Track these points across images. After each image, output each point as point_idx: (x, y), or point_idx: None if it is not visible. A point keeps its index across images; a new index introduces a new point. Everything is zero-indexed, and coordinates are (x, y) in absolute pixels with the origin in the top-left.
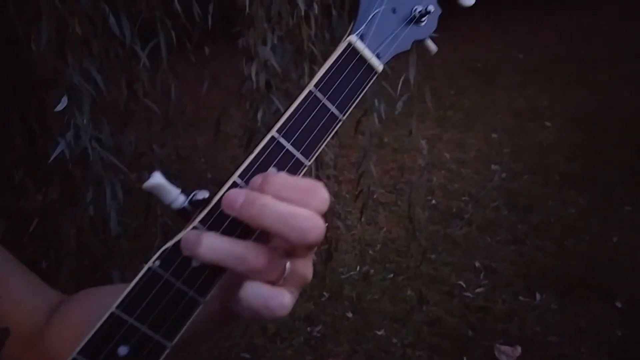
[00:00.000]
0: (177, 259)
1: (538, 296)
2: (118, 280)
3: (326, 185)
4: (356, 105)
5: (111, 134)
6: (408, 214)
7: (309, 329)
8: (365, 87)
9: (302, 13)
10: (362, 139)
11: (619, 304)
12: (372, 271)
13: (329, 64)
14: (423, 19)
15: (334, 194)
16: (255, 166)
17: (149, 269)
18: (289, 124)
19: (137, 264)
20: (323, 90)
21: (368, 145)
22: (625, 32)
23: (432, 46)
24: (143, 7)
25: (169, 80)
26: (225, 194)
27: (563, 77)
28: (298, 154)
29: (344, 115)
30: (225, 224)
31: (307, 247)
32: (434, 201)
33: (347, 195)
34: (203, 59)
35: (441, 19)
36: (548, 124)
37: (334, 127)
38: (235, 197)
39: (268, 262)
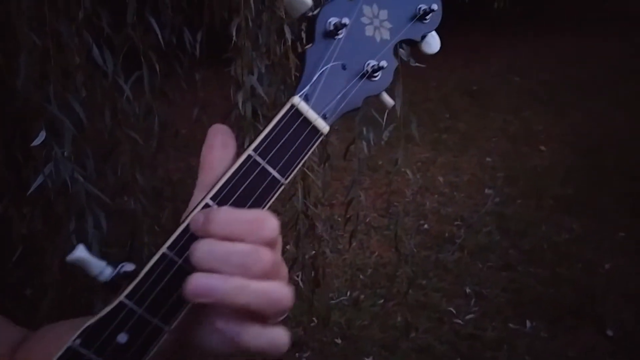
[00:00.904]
0: (101, 335)
1: (528, 324)
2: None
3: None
4: (299, 167)
5: (95, 163)
6: (395, 241)
7: (297, 354)
8: (310, 149)
9: (289, 43)
10: (355, 162)
11: (610, 333)
12: (362, 297)
13: (270, 127)
14: (376, 73)
15: (326, 219)
16: (186, 237)
17: (69, 348)
18: (225, 191)
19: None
20: (263, 154)
21: (357, 173)
22: (621, 56)
23: (388, 100)
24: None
25: (153, 110)
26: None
27: (559, 100)
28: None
29: (286, 179)
30: (153, 295)
31: (278, 316)
32: (426, 225)
33: (339, 219)
34: (194, 85)
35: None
36: (543, 148)
37: (276, 192)
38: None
39: None
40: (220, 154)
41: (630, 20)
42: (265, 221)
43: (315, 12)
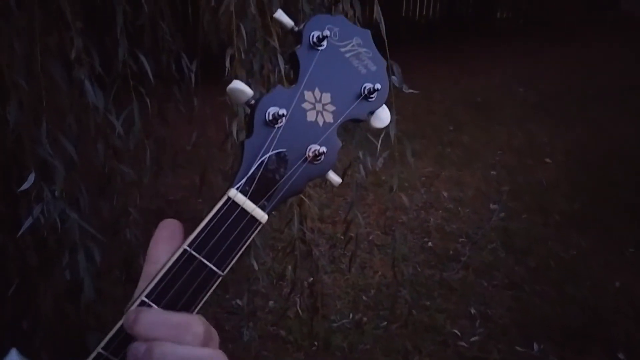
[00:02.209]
0: None
1: (536, 346)
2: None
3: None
4: (238, 257)
5: (88, 197)
6: (393, 264)
7: None
8: (248, 239)
9: (283, 71)
10: (359, 178)
11: (621, 356)
12: (365, 319)
13: (207, 220)
14: (319, 157)
15: (328, 237)
16: (121, 336)
17: None
18: (161, 286)
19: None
20: (199, 248)
21: (355, 196)
22: (627, 66)
23: (335, 178)
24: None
25: (145, 145)
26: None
27: (564, 112)
28: None
29: (223, 270)
30: None
31: None
32: (430, 243)
33: (342, 237)
34: (192, 109)
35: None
36: (548, 160)
37: (213, 284)
38: (137, 349)
39: None
40: (166, 247)
41: (636, 30)
42: (190, 327)
43: (253, 102)
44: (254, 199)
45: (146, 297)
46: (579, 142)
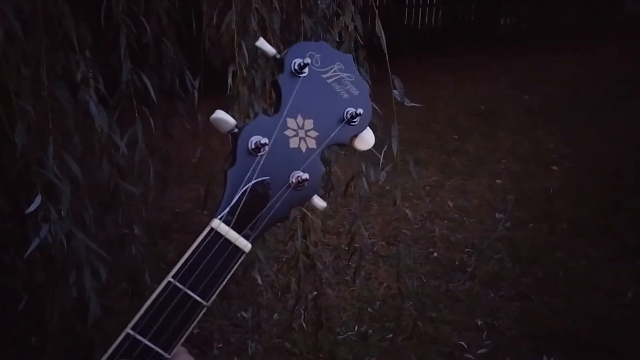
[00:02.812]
0: None
1: (545, 359)
2: None
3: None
4: (222, 286)
5: (94, 215)
6: (397, 275)
7: None
8: (232, 268)
9: None
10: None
11: None
12: (370, 331)
13: (190, 251)
14: (302, 184)
15: (332, 248)
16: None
17: None
18: (145, 319)
19: None
20: (183, 280)
21: (358, 209)
22: (633, 71)
23: (320, 203)
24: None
25: (149, 164)
26: None
27: (570, 118)
28: (157, 348)
29: (208, 300)
30: None
31: None
32: (435, 254)
33: (346, 248)
34: (197, 124)
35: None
36: (555, 168)
37: (198, 314)
38: None
39: None
40: None
41: None
42: None
43: (236, 131)
44: (237, 229)
45: (132, 329)
46: (586, 148)
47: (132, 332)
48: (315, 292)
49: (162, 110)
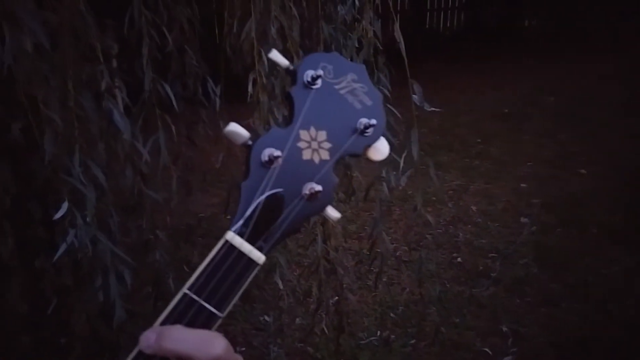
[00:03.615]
0: None
1: None
2: None
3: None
4: (237, 298)
5: (118, 220)
6: (419, 281)
7: None
8: (246, 280)
9: None
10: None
11: None
12: (392, 336)
13: (205, 263)
14: (315, 195)
15: (354, 253)
16: None
17: None
18: None
19: None
20: (199, 291)
21: (379, 212)
22: None
23: (333, 214)
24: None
25: (172, 171)
26: None
27: (598, 120)
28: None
29: (223, 311)
30: None
31: None
32: (459, 259)
33: (367, 253)
34: (219, 131)
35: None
36: (583, 171)
37: (213, 325)
38: None
39: None
40: None
41: None
42: (214, 340)
43: (250, 143)
44: (251, 241)
45: None
46: (615, 150)
47: None
48: (337, 297)
49: (185, 118)
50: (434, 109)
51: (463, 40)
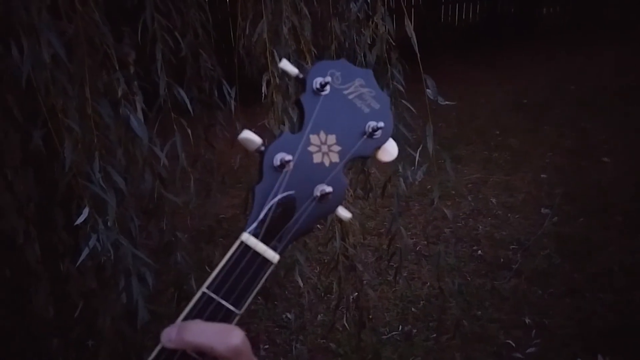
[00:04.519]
0: None
1: (600, 358)
2: None
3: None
4: (253, 295)
5: (139, 224)
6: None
7: None
8: (262, 278)
9: None
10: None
11: None
12: (414, 331)
13: (222, 264)
14: (326, 197)
15: (374, 249)
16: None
17: None
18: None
19: None
20: (217, 290)
21: (398, 207)
22: None
23: (344, 214)
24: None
25: (189, 175)
26: None
27: (620, 108)
28: (195, 355)
29: (240, 309)
30: None
31: None
32: (480, 251)
33: (388, 248)
34: (235, 133)
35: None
36: (606, 159)
37: (232, 322)
38: None
39: None
40: None
41: None
42: (232, 331)
43: (263, 149)
44: (265, 241)
45: None
46: (639, 138)
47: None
48: (357, 293)
49: (202, 121)
50: (448, 102)
51: (479, 32)
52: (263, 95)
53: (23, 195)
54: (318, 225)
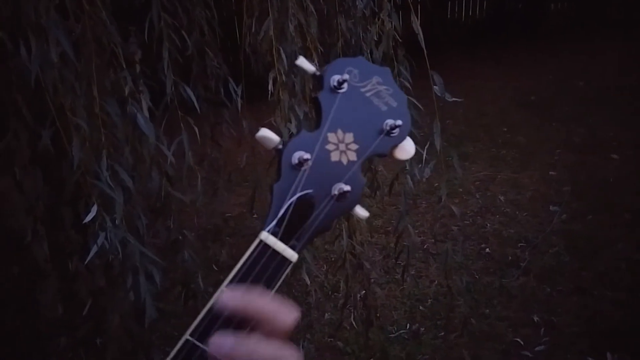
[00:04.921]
0: None
1: (609, 356)
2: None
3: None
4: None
5: (147, 222)
6: (445, 272)
7: None
8: (281, 277)
9: None
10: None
11: None
12: (422, 329)
13: (241, 263)
14: (344, 195)
15: (381, 247)
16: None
17: None
18: (203, 324)
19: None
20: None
21: (405, 205)
22: None
23: (362, 213)
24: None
25: (196, 173)
26: (211, 340)
27: (629, 104)
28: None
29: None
30: None
31: None
32: (488, 249)
33: (395, 247)
34: (242, 131)
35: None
36: (615, 156)
37: None
38: (223, 343)
39: None
40: None
41: None
42: (291, 308)
43: (281, 147)
44: (284, 240)
45: (190, 335)
46: None
47: (190, 338)
48: (364, 291)
49: (208, 119)
50: (455, 99)
51: (486, 28)
52: (269, 93)
53: (32, 194)
54: (322, 233)
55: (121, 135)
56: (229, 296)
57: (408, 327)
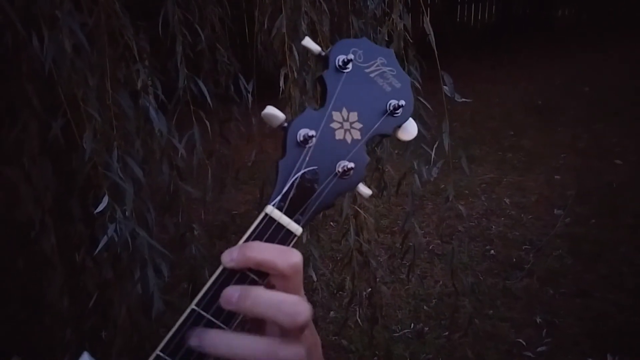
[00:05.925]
0: None
1: (610, 358)
2: None
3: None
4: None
5: (155, 215)
6: (451, 273)
7: None
8: None
9: None
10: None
11: None
12: (426, 329)
13: (248, 234)
14: (348, 172)
15: (387, 247)
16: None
17: None
18: (207, 298)
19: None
20: None
21: (412, 205)
22: None
23: (365, 190)
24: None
25: (207, 166)
26: (222, 293)
27: (634, 110)
28: (218, 322)
29: (264, 280)
30: None
31: (298, 330)
32: (492, 251)
33: (401, 247)
34: (251, 128)
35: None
36: (619, 161)
37: None
38: (232, 293)
39: None
40: None
41: None
42: (292, 250)
43: (286, 125)
44: (289, 214)
45: (196, 305)
46: None
47: (196, 308)
48: (370, 290)
49: (218, 115)
50: (464, 99)
51: (495, 32)
52: (280, 90)
53: (40, 185)
54: (331, 223)
55: (132, 127)
56: (227, 255)
57: (412, 326)
